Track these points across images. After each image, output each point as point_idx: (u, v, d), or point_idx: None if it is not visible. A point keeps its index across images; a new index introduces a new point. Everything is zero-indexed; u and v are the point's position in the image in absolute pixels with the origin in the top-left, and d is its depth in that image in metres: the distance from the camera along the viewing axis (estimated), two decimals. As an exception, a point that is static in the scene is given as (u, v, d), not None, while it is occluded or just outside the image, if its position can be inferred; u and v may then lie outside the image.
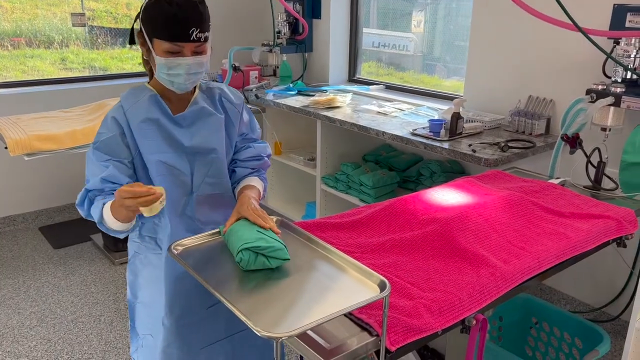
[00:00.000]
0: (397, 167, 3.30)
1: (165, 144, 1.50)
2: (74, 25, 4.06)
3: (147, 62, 1.55)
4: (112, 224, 1.41)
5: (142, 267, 1.63)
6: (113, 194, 1.40)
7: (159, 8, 1.39)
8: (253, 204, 1.47)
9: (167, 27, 1.39)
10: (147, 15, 1.43)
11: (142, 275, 1.64)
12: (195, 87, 1.60)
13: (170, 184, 1.50)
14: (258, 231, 1.31)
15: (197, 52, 1.45)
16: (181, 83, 1.48)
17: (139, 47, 1.52)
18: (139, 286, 1.67)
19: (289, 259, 1.28)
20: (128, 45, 1.56)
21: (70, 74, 4.09)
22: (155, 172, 1.50)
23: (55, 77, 4.01)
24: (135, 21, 1.48)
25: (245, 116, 1.69)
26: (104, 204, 1.42)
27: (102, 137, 1.48)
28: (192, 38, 1.41)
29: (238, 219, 1.43)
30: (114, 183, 1.45)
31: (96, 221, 1.45)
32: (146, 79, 1.69)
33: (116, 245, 3.45)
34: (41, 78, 3.95)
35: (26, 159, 2.85)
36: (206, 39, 1.45)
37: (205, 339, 1.65)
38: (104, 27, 4.26)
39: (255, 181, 1.65)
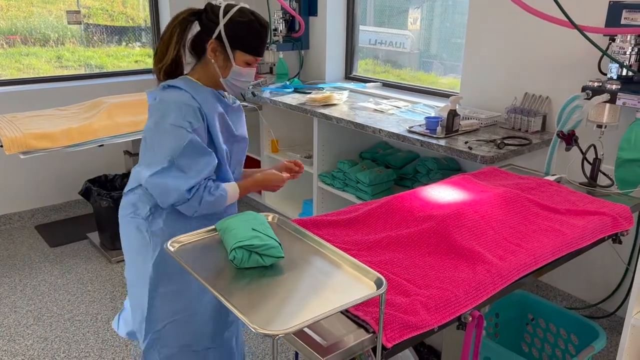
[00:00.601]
0: (393, 165, 3.30)
1: (226, 132, 1.76)
2: (69, 23, 4.05)
3: (175, 61, 1.72)
4: (232, 200, 1.74)
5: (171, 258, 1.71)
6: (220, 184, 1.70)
7: (252, 27, 1.67)
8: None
9: (257, 44, 1.70)
10: (236, 30, 1.66)
11: (173, 263, 1.71)
12: None
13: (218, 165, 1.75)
14: (253, 229, 1.31)
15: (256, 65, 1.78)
16: (244, 88, 1.77)
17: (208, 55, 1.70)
18: (167, 276, 1.76)
19: (283, 257, 1.28)
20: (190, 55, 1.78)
21: (66, 72, 4.07)
22: (221, 158, 1.74)
23: (51, 75, 4.00)
24: (207, 30, 1.68)
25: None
26: (226, 191, 1.70)
27: (194, 125, 1.63)
28: (263, 54, 1.74)
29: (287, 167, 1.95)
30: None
31: (209, 209, 1.67)
32: (141, 76, 1.76)
33: (113, 244, 3.44)
34: (37, 76, 3.94)
35: (22, 157, 2.84)
36: None
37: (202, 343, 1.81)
38: (99, 25, 4.25)
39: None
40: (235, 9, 1.67)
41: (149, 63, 4.39)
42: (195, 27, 1.72)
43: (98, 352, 2.55)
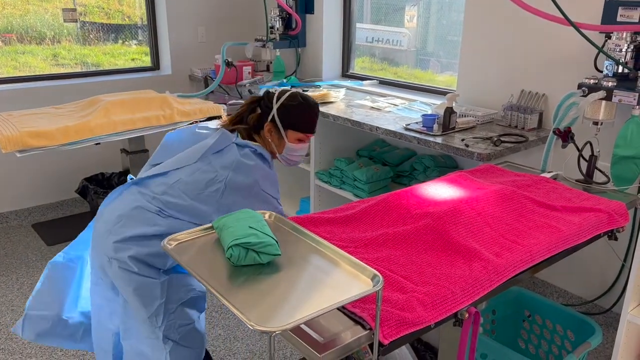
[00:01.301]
0: (390, 162, 3.30)
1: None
2: (65, 21, 4.04)
3: (253, 129, 1.94)
4: None
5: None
6: None
7: (300, 108, 1.91)
8: None
9: (309, 125, 1.94)
10: (286, 113, 1.89)
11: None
12: None
13: None
14: (250, 227, 1.31)
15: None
16: (298, 161, 2.00)
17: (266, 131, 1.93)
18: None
19: (279, 254, 1.28)
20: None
21: (62, 70, 4.06)
22: None
23: (47, 73, 3.99)
24: (264, 114, 1.92)
25: None
26: None
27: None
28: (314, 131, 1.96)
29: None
30: None
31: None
32: (137, 74, 1.79)
33: (110, 242, 3.44)
34: (33, 74, 3.93)
35: (18, 155, 2.84)
36: None
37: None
38: (95, 23, 4.24)
39: None
40: (286, 95, 1.91)
41: (145, 61, 4.38)
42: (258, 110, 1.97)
43: (95, 350, 2.55)
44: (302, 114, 1.92)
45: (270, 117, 1.90)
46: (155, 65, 4.37)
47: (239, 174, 1.75)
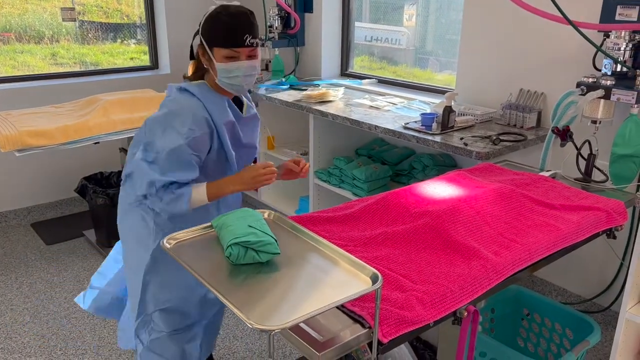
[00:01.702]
0: (389, 161, 3.31)
1: (233, 139, 1.81)
2: (64, 20, 4.03)
3: (200, 69, 1.80)
4: (197, 204, 1.72)
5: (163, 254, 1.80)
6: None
7: (218, 20, 1.68)
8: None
9: (226, 35, 1.67)
10: (207, 27, 1.70)
11: (163, 260, 1.83)
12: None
13: (221, 168, 1.83)
14: (249, 225, 1.32)
15: (251, 56, 1.72)
16: (238, 85, 1.74)
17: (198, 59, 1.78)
18: (164, 266, 1.82)
19: (279, 253, 1.29)
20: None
21: (61, 69, 4.06)
22: (231, 163, 1.83)
23: (46, 72, 3.98)
24: (194, 38, 1.75)
25: None
26: (191, 191, 1.70)
27: (195, 134, 1.68)
28: (246, 44, 1.69)
29: (288, 169, 1.89)
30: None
31: (181, 202, 1.68)
32: (136, 73, 1.85)
33: (109, 241, 3.44)
34: (31, 73, 3.92)
35: (17, 155, 2.84)
36: (257, 44, 1.73)
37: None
38: (94, 22, 4.23)
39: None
40: (212, 8, 1.72)
41: (144, 60, 4.38)
42: None
43: (95, 349, 2.55)
44: (216, 26, 1.69)
45: (199, 40, 1.75)
46: (154, 64, 4.37)
47: (157, 110, 1.78)
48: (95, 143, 3.06)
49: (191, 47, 1.80)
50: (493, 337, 2.15)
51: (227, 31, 1.67)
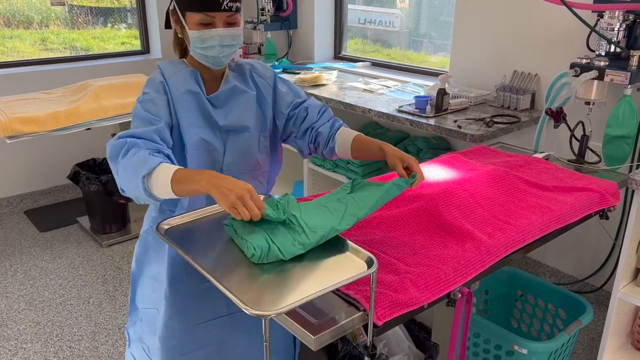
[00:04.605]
0: (383, 145, 3.29)
1: (203, 119, 1.52)
2: (53, 4, 3.97)
3: (179, 43, 1.58)
4: (160, 187, 1.27)
5: (154, 240, 1.64)
6: (154, 153, 1.32)
7: None
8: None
9: None
10: None
11: (154, 248, 1.65)
12: (226, 67, 1.59)
13: (203, 159, 1.53)
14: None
15: (230, 23, 1.46)
16: (215, 56, 1.47)
17: (173, 29, 1.54)
18: (148, 260, 1.68)
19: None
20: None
21: (51, 55, 4.01)
22: (190, 146, 1.50)
23: (36, 58, 3.93)
24: (171, 3, 1.51)
25: (282, 87, 1.67)
26: (159, 163, 1.27)
27: (149, 96, 1.46)
28: (222, 7, 1.41)
29: (405, 166, 1.42)
30: (161, 141, 1.39)
31: (128, 173, 1.30)
32: (127, 58, 1.68)
33: (103, 228, 3.44)
34: (21, 59, 3.88)
35: (8, 142, 2.81)
36: (238, 9, 1.45)
37: (205, 314, 1.64)
38: (84, 6, 4.17)
39: (353, 132, 1.69)
40: None
41: (135, 45, 4.33)
42: None
43: (91, 335, 2.56)
44: None
45: (172, 4, 1.52)
46: (146, 49, 4.32)
47: None
48: (87, 129, 3.03)
49: (167, 13, 1.55)
50: (487, 318, 2.17)
51: None
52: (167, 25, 1.57)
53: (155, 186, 1.28)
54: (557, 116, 2.14)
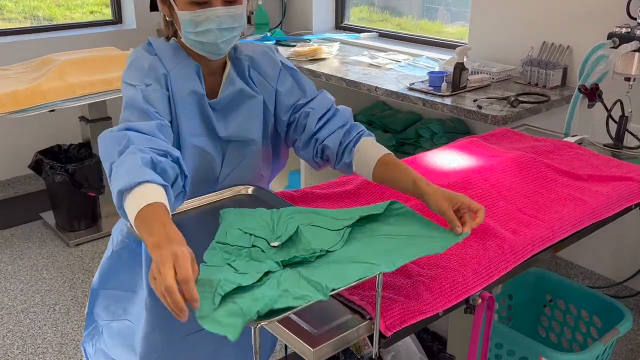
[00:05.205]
0: (392, 129, 3.30)
1: (203, 126, 1.46)
2: (9, -34, 3.95)
3: (170, 25, 1.50)
4: (131, 209, 1.10)
5: (127, 254, 1.64)
6: (158, 156, 1.19)
7: None
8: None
9: None
10: None
11: (124, 261, 1.64)
12: (225, 57, 1.50)
13: (198, 169, 1.48)
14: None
15: (229, 1, 1.37)
16: (212, 42, 1.38)
17: (160, 11, 1.46)
18: (115, 273, 1.68)
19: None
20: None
21: (8, 26, 3.99)
22: (185, 151, 1.44)
23: (-9, 28, 3.92)
24: None
25: (287, 83, 1.57)
26: (144, 181, 1.11)
27: (154, 87, 1.37)
28: None
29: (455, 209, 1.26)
30: (163, 140, 1.27)
31: (114, 168, 1.19)
32: (97, 29, 1.65)
33: (70, 224, 3.44)
34: (-26, 30, 3.87)
35: (-40, 125, 2.81)
36: None
37: (191, 326, 1.63)
38: (45, -31, 4.15)
39: (380, 148, 1.47)
40: None
41: (106, 14, 4.31)
42: None
43: (57, 347, 2.57)
44: None
45: None
46: (118, 18, 4.30)
47: None
48: (51, 111, 3.02)
49: None
50: (511, 327, 2.18)
51: None
52: (153, 7, 1.49)
53: (128, 208, 1.12)
54: (592, 94, 2.14)
